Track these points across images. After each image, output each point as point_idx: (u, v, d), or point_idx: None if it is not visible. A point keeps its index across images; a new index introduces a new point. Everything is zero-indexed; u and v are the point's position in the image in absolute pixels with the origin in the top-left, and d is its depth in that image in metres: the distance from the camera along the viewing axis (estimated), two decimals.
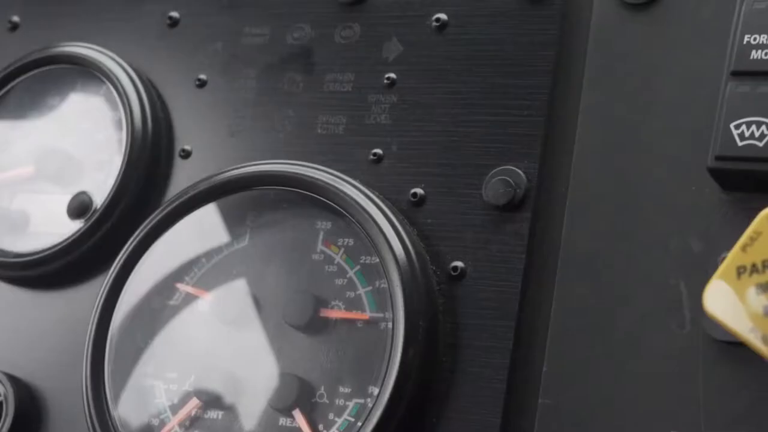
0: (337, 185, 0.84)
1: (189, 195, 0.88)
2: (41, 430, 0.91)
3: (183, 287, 0.89)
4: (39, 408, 0.91)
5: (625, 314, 0.75)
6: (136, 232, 0.89)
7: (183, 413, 0.85)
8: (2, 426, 0.90)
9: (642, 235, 0.77)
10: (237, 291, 0.87)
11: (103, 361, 0.87)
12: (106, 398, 0.86)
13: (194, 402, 0.85)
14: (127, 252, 0.89)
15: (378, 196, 0.84)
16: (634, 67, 0.81)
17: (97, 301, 0.88)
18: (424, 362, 0.78)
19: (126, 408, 0.86)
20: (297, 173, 0.86)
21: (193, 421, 0.84)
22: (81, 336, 0.90)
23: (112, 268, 0.89)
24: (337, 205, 0.83)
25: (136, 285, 0.89)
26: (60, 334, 0.93)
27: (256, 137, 0.92)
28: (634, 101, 0.80)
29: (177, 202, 0.89)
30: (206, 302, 0.88)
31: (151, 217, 0.89)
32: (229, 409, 0.84)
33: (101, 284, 0.90)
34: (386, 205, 0.83)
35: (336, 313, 0.83)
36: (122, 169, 0.92)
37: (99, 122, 0.98)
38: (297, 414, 0.81)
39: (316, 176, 0.85)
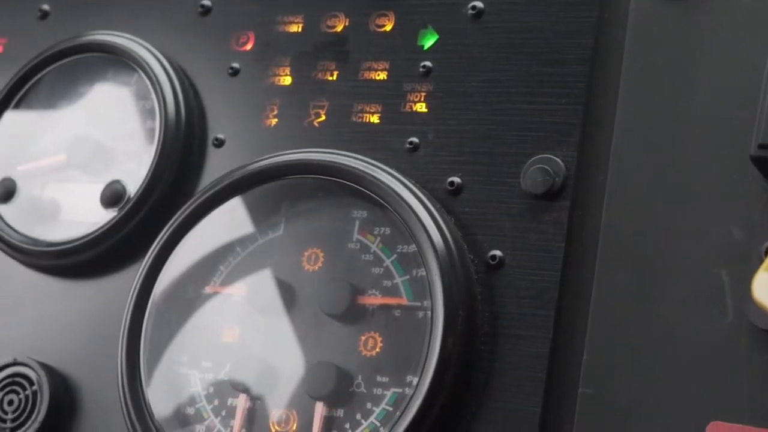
0: (373, 174, 0.83)
1: (224, 184, 0.88)
2: (75, 419, 0.91)
3: (217, 278, 0.89)
4: (73, 397, 0.91)
5: (666, 303, 0.75)
6: (171, 221, 0.89)
7: (218, 401, 0.85)
8: (37, 415, 0.90)
9: (683, 223, 0.76)
10: (272, 280, 0.86)
11: (138, 350, 0.87)
12: (141, 387, 0.85)
13: (230, 389, 0.84)
14: (162, 241, 0.88)
15: (415, 185, 0.83)
16: (673, 54, 0.80)
17: (132, 289, 0.88)
18: (463, 351, 0.77)
19: (161, 397, 0.86)
20: (334, 162, 0.85)
21: (228, 408, 0.84)
22: (114, 325, 0.89)
23: (147, 257, 0.89)
24: (374, 194, 0.83)
25: (171, 274, 0.89)
26: (93, 323, 0.93)
27: (290, 126, 0.91)
28: (674, 88, 0.79)
29: (212, 191, 0.88)
30: (241, 290, 0.87)
31: (185, 206, 0.89)
32: (265, 399, 0.84)
33: (134, 273, 0.90)
34: (423, 194, 0.83)
35: (373, 299, 0.82)
36: (156, 158, 0.92)
37: (130, 111, 0.98)
38: (318, 406, 0.80)
39: (353, 165, 0.85)
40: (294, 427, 0.82)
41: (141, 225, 0.92)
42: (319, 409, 0.81)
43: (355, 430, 0.80)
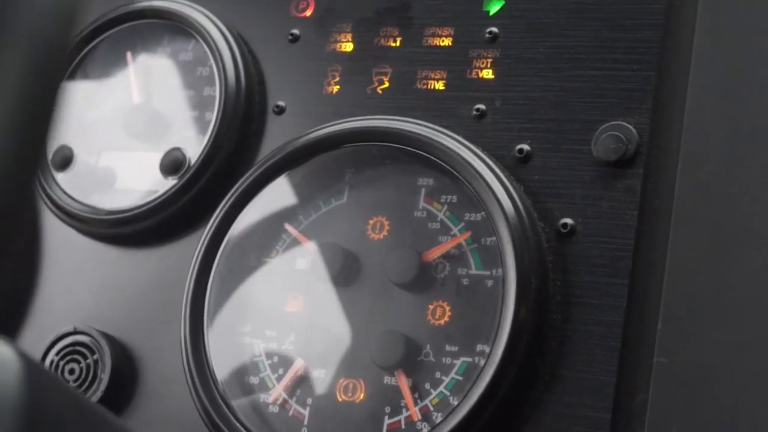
0: (441, 140, 0.83)
1: (287, 151, 0.87)
2: (137, 388, 0.90)
3: (280, 246, 0.88)
4: (134, 365, 0.91)
5: (742, 271, 0.74)
6: (234, 188, 0.88)
7: (289, 378, 0.84)
8: (99, 384, 0.89)
9: (758, 188, 0.75)
10: (336, 248, 0.85)
11: (201, 318, 0.86)
12: (206, 356, 0.85)
13: (299, 364, 0.84)
14: (225, 208, 0.88)
15: (483, 152, 0.82)
16: (747, 18, 0.79)
17: (195, 258, 0.87)
18: (536, 320, 0.77)
19: (224, 366, 0.86)
20: (399, 129, 0.84)
21: (298, 382, 0.84)
22: (175, 294, 0.89)
23: (209, 225, 0.88)
24: (442, 161, 0.82)
25: (234, 242, 0.88)
26: (153, 292, 0.92)
27: (352, 93, 0.90)
28: (749, 53, 0.78)
29: (275, 159, 0.87)
30: (305, 259, 0.87)
31: (249, 173, 0.88)
32: (331, 368, 0.83)
33: (193, 241, 0.90)
34: (492, 161, 0.82)
35: (437, 250, 0.81)
36: (216, 126, 0.91)
37: (187, 78, 0.97)
38: (400, 375, 0.80)
39: (420, 131, 0.84)
40: (361, 396, 0.81)
41: (201, 193, 0.91)
42: (402, 379, 0.80)
43: (424, 399, 0.79)
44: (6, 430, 0.47)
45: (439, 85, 0.87)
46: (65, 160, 0.98)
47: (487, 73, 0.86)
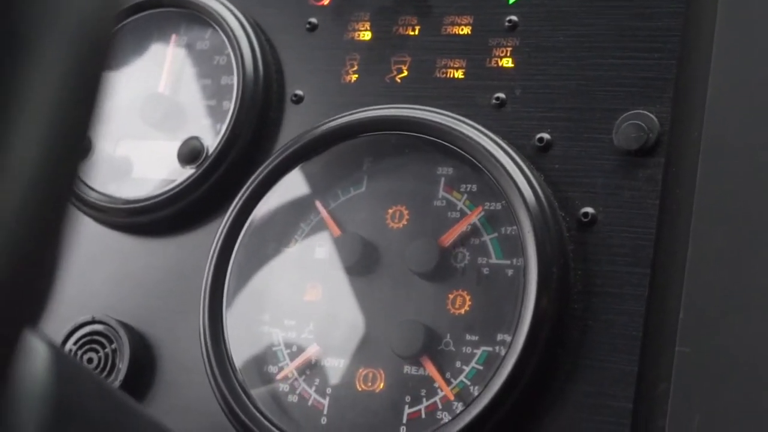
0: (461, 129, 0.82)
1: (306, 140, 0.87)
2: (156, 377, 0.90)
3: (299, 235, 0.88)
4: (152, 355, 0.91)
5: (764, 259, 0.73)
6: (253, 177, 0.88)
7: (301, 359, 0.84)
8: (118, 373, 0.89)
9: None
10: (355, 237, 0.85)
11: (221, 308, 0.86)
12: (225, 345, 0.85)
13: (314, 348, 0.84)
14: (244, 197, 0.87)
15: (503, 141, 0.82)
16: None
17: (213, 247, 0.87)
18: (557, 309, 0.76)
19: (243, 355, 0.85)
20: (419, 117, 0.84)
21: (312, 367, 0.84)
22: (193, 283, 0.89)
23: (228, 214, 0.88)
24: (462, 150, 0.82)
25: (252, 231, 0.88)
26: (171, 281, 0.92)
27: (371, 82, 0.90)
28: None
29: (294, 148, 0.87)
30: (324, 249, 0.87)
31: (267, 162, 0.88)
32: (351, 357, 0.83)
33: (211, 230, 0.89)
34: (512, 150, 0.81)
35: (453, 232, 0.81)
36: (234, 114, 0.91)
37: (204, 67, 0.96)
38: (425, 361, 0.80)
39: (439, 120, 0.83)
40: (381, 386, 0.81)
41: (219, 182, 0.91)
42: (430, 364, 0.80)
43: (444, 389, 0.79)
44: (35, 419, 0.47)
45: (459, 74, 0.87)
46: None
47: (507, 62, 0.85)
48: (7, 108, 0.33)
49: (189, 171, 0.92)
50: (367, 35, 0.92)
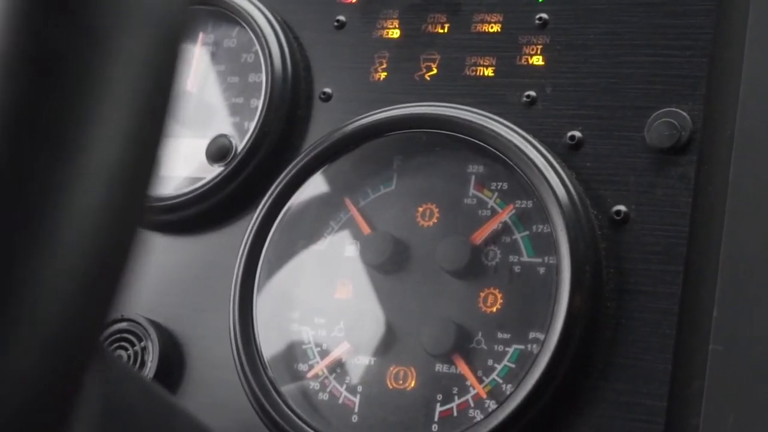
0: (492, 127, 0.82)
1: (336, 138, 0.87)
2: (185, 375, 0.90)
3: (328, 233, 0.88)
4: (182, 353, 0.91)
5: None
6: (282, 175, 0.88)
7: (332, 357, 0.84)
8: (147, 371, 0.89)
9: None
10: (385, 236, 0.85)
11: (251, 306, 0.86)
12: (255, 343, 0.85)
13: (345, 346, 0.84)
14: (273, 195, 0.87)
15: (534, 138, 0.82)
16: None
17: (243, 245, 0.87)
18: (590, 307, 0.76)
19: (274, 354, 0.86)
20: (450, 115, 0.84)
21: (342, 365, 0.84)
22: (222, 281, 0.89)
23: (257, 212, 0.88)
24: (494, 148, 0.82)
25: (282, 229, 0.88)
26: (200, 279, 0.92)
27: (400, 80, 0.90)
28: None
29: (324, 145, 0.87)
30: (354, 247, 0.87)
31: (297, 159, 0.88)
32: (381, 355, 0.83)
33: (240, 228, 0.89)
34: (544, 148, 0.81)
35: (485, 230, 0.81)
36: (263, 112, 0.91)
37: (233, 65, 0.96)
38: (457, 359, 0.80)
39: (470, 118, 0.83)
40: (412, 384, 0.81)
41: (248, 180, 0.91)
42: (461, 362, 0.80)
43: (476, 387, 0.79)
44: (85, 419, 0.47)
45: (489, 72, 0.87)
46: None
47: (537, 60, 0.85)
48: (95, 107, 0.33)
49: (217, 169, 0.92)
50: (395, 33, 0.91)
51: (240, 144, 0.92)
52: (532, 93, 0.84)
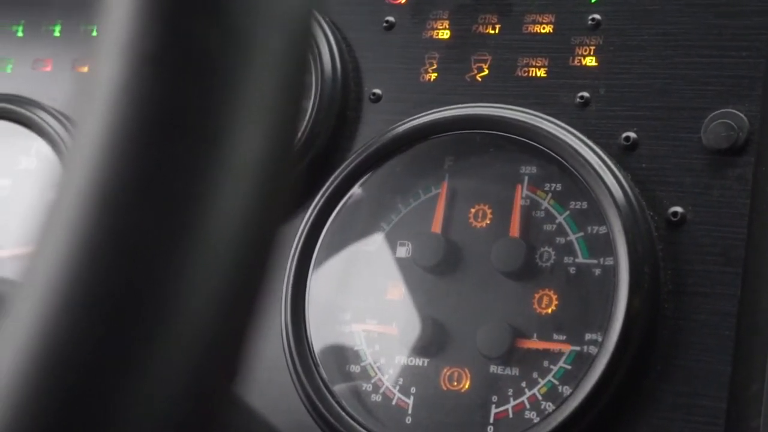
0: (546, 128, 0.82)
1: (389, 138, 0.87)
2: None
3: (379, 234, 0.88)
4: None
5: None
6: (334, 175, 0.88)
7: (385, 358, 0.84)
8: None
9: None
10: (437, 237, 0.85)
11: (303, 307, 0.86)
12: (309, 345, 0.85)
13: (397, 347, 0.84)
14: (324, 196, 0.87)
15: (588, 139, 0.82)
16: None
17: (294, 246, 0.87)
18: (649, 309, 0.76)
19: (326, 355, 0.86)
20: (503, 116, 0.84)
21: (396, 366, 0.84)
22: (272, 282, 0.89)
23: (309, 213, 0.88)
24: (548, 149, 0.82)
25: (333, 231, 0.88)
26: None
27: (451, 80, 0.90)
28: None
29: (377, 146, 0.87)
30: (405, 247, 0.87)
31: (349, 160, 0.88)
32: (435, 356, 0.83)
33: (292, 229, 0.89)
34: (599, 149, 0.81)
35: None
36: (313, 113, 0.91)
37: None
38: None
39: (524, 119, 0.83)
40: (467, 385, 0.81)
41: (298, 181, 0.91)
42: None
43: (532, 388, 0.79)
44: None
45: (541, 73, 0.86)
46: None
47: (590, 61, 0.85)
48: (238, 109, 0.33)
49: None
50: (445, 34, 0.91)
51: None
52: (586, 94, 0.84)
